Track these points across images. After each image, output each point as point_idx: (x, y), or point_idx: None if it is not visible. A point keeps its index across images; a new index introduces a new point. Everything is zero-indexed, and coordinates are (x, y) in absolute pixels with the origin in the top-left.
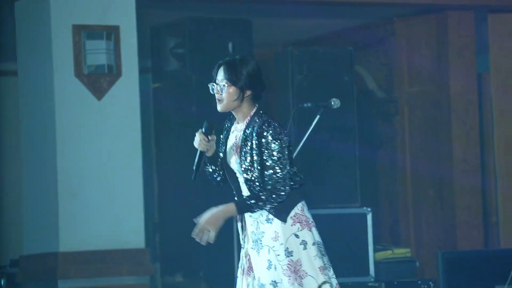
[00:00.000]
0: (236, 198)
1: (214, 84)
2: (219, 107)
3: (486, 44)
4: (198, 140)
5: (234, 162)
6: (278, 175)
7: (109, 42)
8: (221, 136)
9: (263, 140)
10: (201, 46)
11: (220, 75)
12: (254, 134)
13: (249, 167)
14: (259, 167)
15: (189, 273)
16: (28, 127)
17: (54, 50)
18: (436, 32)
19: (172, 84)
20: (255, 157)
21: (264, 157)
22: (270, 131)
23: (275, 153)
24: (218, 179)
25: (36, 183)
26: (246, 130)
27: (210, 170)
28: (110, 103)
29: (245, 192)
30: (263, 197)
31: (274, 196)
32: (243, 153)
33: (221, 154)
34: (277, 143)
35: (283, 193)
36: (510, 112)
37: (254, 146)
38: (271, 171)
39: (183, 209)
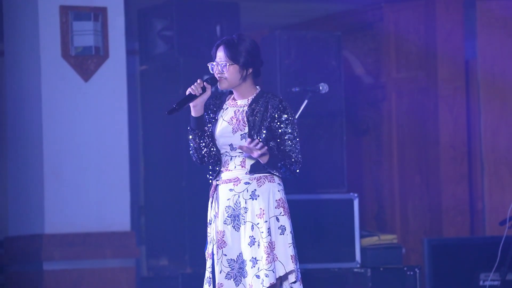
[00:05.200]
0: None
1: (214, 64)
2: (223, 85)
3: (474, 30)
4: (194, 84)
5: (230, 136)
6: (297, 147)
7: (97, 23)
8: (207, 113)
9: (284, 116)
10: (188, 29)
11: (220, 54)
12: (269, 110)
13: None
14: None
15: (174, 256)
16: (14, 108)
17: (41, 31)
18: (424, 18)
19: (159, 66)
20: (265, 130)
21: (284, 131)
22: (289, 110)
23: (295, 130)
24: (203, 151)
25: (22, 164)
26: (253, 105)
27: (198, 134)
28: (97, 85)
29: (232, 167)
30: (293, 158)
31: (295, 164)
32: (253, 125)
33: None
34: (294, 122)
35: (299, 165)
36: (497, 98)
37: (266, 120)
38: (291, 143)
39: (169, 192)
